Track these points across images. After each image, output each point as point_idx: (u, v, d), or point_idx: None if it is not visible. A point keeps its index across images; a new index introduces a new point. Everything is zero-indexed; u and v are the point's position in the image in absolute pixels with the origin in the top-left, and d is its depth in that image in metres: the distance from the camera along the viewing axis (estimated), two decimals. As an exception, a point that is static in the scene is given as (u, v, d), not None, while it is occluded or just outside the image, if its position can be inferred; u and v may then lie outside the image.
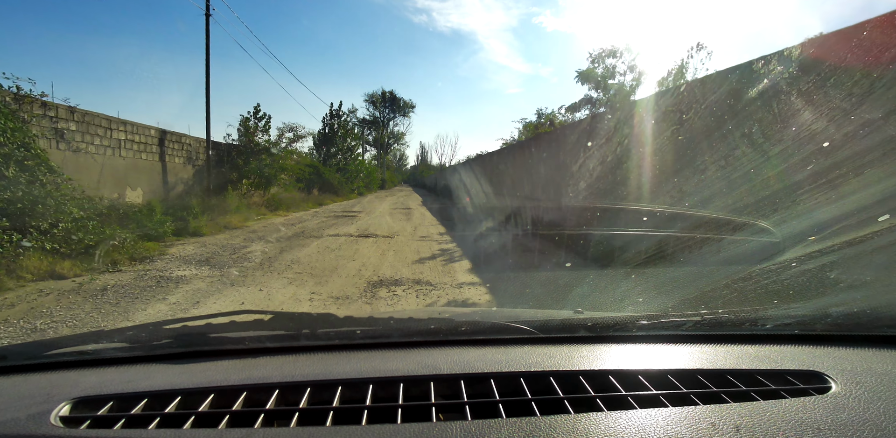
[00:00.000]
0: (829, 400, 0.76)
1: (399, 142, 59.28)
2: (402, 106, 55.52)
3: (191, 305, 4.13)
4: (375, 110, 55.74)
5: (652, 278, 4.67)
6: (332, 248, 7.37)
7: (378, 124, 55.26)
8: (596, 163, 6.68)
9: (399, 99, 55.20)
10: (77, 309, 3.96)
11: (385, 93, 54.82)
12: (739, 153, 4.17)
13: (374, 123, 54.96)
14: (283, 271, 5.53)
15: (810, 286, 3.29)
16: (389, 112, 55.57)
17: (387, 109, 55.27)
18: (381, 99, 54.96)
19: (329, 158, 26.22)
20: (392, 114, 55.84)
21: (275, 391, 0.83)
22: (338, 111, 28.04)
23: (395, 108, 55.19)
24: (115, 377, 0.92)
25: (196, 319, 1.10)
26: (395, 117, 56.37)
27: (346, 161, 27.35)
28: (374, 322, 1.14)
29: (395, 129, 57.23)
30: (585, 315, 1.29)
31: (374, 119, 55.35)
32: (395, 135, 57.26)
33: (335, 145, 27.22)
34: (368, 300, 4.34)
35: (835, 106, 3.27)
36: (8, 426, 0.72)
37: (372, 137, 54.59)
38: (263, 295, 4.45)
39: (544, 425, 0.69)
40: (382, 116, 55.76)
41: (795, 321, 1.13)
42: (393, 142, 58.16)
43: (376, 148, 54.87)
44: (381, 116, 55.88)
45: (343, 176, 25.09)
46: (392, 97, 54.73)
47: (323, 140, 27.10)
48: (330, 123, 27.56)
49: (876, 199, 3.00)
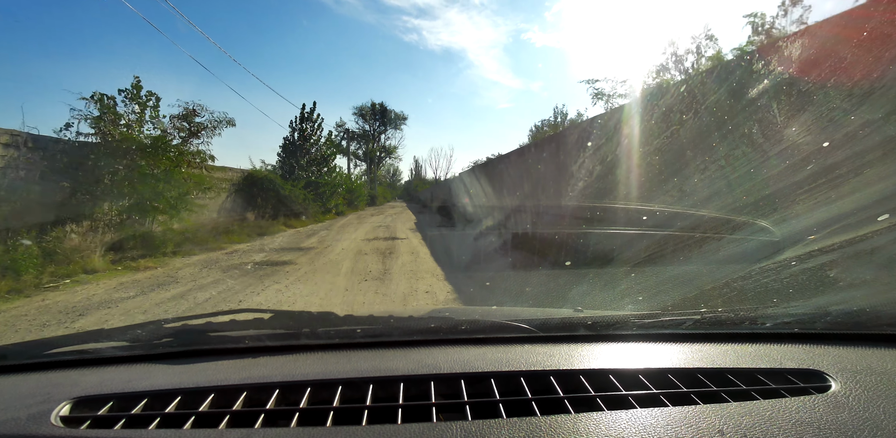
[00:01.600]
0: (829, 399, 0.76)
1: (391, 156, 55.48)
2: (394, 118, 52.53)
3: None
4: (365, 124, 52.36)
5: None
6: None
7: (368, 138, 52.19)
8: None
9: (390, 111, 52.06)
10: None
11: (375, 105, 51.66)
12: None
13: (363, 137, 51.95)
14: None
15: (810, 285, 3.29)
16: (380, 125, 52.53)
17: (377, 121, 52.20)
18: (370, 112, 51.73)
19: (295, 172, 20.51)
20: (383, 127, 52.80)
21: (275, 390, 0.83)
22: (309, 114, 22.40)
23: (385, 120, 52.24)
24: (116, 377, 0.92)
25: (196, 318, 1.10)
26: (386, 130, 53.17)
27: (319, 174, 21.68)
28: (375, 321, 1.14)
29: (388, 143, 53.86)
30: (585, 314, 1.29)
31: (364, 133, 52.19)
32: (386, 149, 53.86)
33: (305, 155, 21.53)
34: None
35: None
36: (8, 426, 0.72)
37: (362, 151, 51.58)
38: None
39: (544, 424, 0.69)
40: (372, 130, 52.55)
41: (795, 320, 1.13)
42: (384, 156, 54.64)
43: (366, 163, 51.84)
44: (370, 129, 52.57)
45: (312, 192, 19.23)
46: (382, 109, 51.66)
47: (290, 149, 21.55)
48: (300, 128, 22.08)
49: (875, 198, 3.01)
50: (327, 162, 23.11)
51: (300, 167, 20.91)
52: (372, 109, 51.90)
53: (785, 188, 3.62)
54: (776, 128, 3.74)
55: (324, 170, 22.56)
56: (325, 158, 22.85)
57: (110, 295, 5.12)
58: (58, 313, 4.43)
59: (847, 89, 3.21)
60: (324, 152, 22.84)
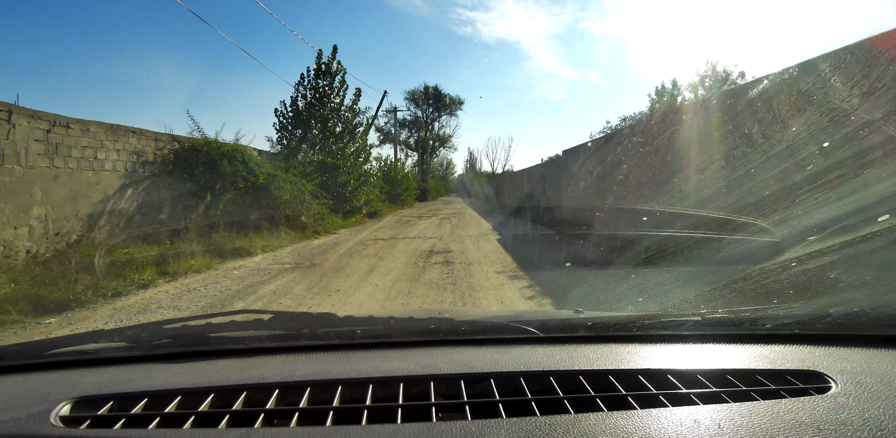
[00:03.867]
0: (829, 400, 0.76)
1: (445, 145, 49.13)
2: (449, 103, 46.53)
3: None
4: (417, 109, 46.26)
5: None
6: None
7: (420, 125, 46.57)
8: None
9: (444, 95, 46.00)
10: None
11: (428, 88, 45.89)
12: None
13: (415, 124, 46.61)
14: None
15: (810, 286, 3.29)
16: (433, 111, 46.87)
17: (430, 107, 46.64)
18: (423, 96, 46.10)
19: (303, 151, 13.19)
20: (436, 113, 46.93)
21: (275, 390, 0.83)
22: (327, 66, 13.91)
23: (440, 106, 46.49)
24: (115, 377, 0.92)
25: (196, 318, 1.11)
26: (440, 116, 47.13)
27: (337, 155, 13.63)
28: (374, 322, 1.14)
29: (441, 131, 47.92)
30: (585, 315, 1.29)
31: (416, 119, 46.45)
32: (440, 137, 47.98)
33: (321, 126, 13.71)
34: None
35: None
36: (8, 426, 0.72)
37: (413, 140, 46.33)
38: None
39: (544, 425, 0.69)
40: (425, 116, 46.73)
41: (795, 321, 1.13)
42: (438, 145, 48.75)
43: (417, 152, 46.41)
44: (423, 115, 46.59)
45: (324, 183, 12.38)
46: (437, 93, 46.00)
47: (292, 119, 13.71)
48: (313, 85, 13.77)
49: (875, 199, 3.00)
50: (353, 137, 14.39)
51: (311, 144, 13.33)
52: (425, 93, 46.41)
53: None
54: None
55: (350, 149, 14.13)
56: (350, 131, 14.26)
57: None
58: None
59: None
60: (348, 122, 14.15)
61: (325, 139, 13.54)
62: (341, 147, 13.93)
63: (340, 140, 13.98)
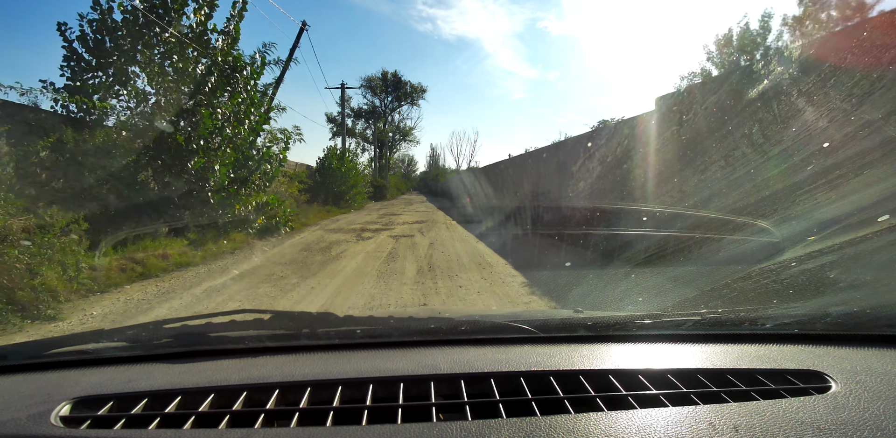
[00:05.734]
0: (829, 400, 0.76)
1: (406, 139, 43.85)
2: (410, 91, 41.59)
3: None
4: (374, 97, 41.25)
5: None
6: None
7: (378, 115, 41.60)
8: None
9: (405, 82, 41.15)
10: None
11: (387, 74, 40.77)
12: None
13: (372, 114, 41.68)
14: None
15: (810, 286, 3.29)
16: (393, 100, 41.90)
17: (389, 96, 41.83)
18: (381, 84, 41.00)
19: (102, 119, 6.70)
20: (396, 102, 41.86)
21: (275, 390, 0.83)
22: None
23: (399, 94, 41.65)
24: (116, 377, 0.92)
25: (196, 318, 1.10)
26: (400, 106, 41.96)
27: (196, 124, 7.04)
28: (374, 322, 1.14)
29: (402, 124, 42.92)
30: (585, 315, 1.28)
31: (374, 109, 41.42)
32: (401, 130, 43.07)
33: (150, 60, 6.83)
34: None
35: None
36: (8, 426, 0.72)
37: (370, 132, 41.52)
38: None
39: (544, 425, 0.69)
40: (383, 105, 41.52)
41: (795, 321, 1.13)
42: (399, 139, 43.60)
43: (375, 145, 41.54)
44: (381, 104, 41.32)
45: (157, 169, 6.97)
46: (396, 80, 41.06)
47: (98, 44, 6.63)
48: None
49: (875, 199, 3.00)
50: (234, 87, 7.81)
51: (133, 91, 6.97)
52: (383, 80, 41.09)
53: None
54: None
55: (223, 110, 7.60)
56: (227, 76, 7.62)
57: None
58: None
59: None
60: (220, 55, 7.59)
61: (161, 84, 6.98)
62: (203, 103, 7.26)
63: (201, 90, 7.27)
